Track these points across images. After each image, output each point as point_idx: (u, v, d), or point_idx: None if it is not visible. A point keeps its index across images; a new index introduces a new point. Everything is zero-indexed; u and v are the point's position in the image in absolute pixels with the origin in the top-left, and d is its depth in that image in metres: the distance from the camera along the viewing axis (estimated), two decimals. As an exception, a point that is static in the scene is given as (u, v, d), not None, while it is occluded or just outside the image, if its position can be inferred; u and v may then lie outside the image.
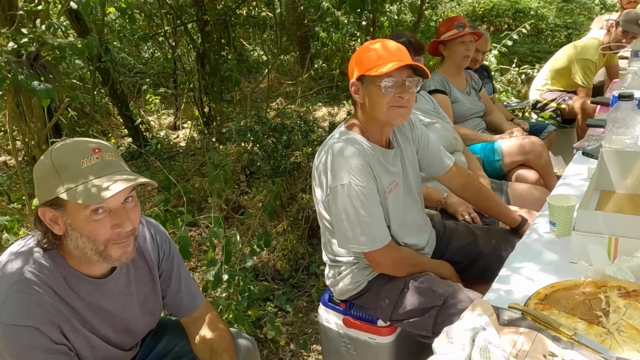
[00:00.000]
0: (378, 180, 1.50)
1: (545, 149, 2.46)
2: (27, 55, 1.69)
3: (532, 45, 6.49)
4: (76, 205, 1.02)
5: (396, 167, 1.60)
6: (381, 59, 1.41)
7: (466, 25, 2.54)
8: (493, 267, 1.41)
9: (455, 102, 2.65)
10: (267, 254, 2.85)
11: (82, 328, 1.14)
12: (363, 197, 1.43)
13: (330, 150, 1.50)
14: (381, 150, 1.55)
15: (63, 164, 1.04)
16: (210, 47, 5.07)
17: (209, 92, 5.14)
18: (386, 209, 1.54)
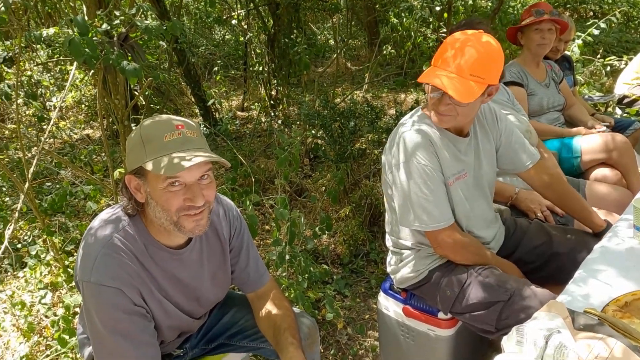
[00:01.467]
0: (443, 164, 1.49)
1: (630, 147, 2.30)
2: (118, 36, 1.80)
3: (620, 35, 6.01)
4: (155, 175, 1.10)
5: (468, 156, 1.57)
6: (440, 62, 1.41)
7: (546, 12, 2.40)
8: (567, 269, 1.35)
9: (532, 95, 2.53)
10: (328, 238, 2.89)
11: (157, 293, 1.22)
12: (425, 175, 1.45)
13: (401, 128, 1.53)
14: (452, 137, 1.53)
15: (149, 137, 1.12)
16: (281, 30, 5.14)
17: (277, 75, 5.23)
18: (450, 196, 1.52)
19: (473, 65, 1.37)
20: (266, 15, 5.30)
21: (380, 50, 6.06)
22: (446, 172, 1.50)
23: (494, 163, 1.66)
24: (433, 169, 1.46)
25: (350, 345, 2.15)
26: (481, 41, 1.40)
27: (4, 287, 2.62)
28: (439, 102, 1.43)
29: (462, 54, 1.38)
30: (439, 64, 1.41)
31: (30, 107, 4.47)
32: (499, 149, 1.66)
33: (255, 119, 5.33)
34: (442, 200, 1.48)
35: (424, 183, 1.45)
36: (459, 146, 1.55)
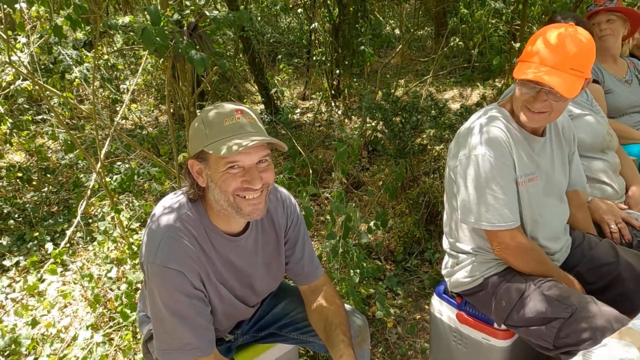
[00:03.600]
0: (517, 161, 1.42)
1: None
2: (187, 25, 1.85)
3: None
4: (216, 158, 1.13)
5: (541, 158, 1.49)
6: (537, 57, 1.31)
7: (600, 4, 2.20)
8: (632, 297, 1.24)
9: (609, 93, 2.35)
10: (382, 233, 2.85)
11: (214, 278, 1.26)
12: (497, 171, 1.38)
13: (475, 119, 1.47)
14: (528, 135, 1.46)
15: (210, 121, 1.15)
16: (346, 20, 5.09)
17: (339, 65, 5.20)
18: (519, 196, 1.44)
19: (573, 58, 1.30)
20: (332, 4, 5.27)
21: (447, 42, 5.87)
22: (519, 170, 1.43)
23: (567, 170, 1.56)
24: (505, 164, 1.39)
25: (400, 344, 2.12)
26: (577, 33, 1.32)
27: (76, 259, 2.81)
28: (535, 100, 1.35)
29: (561, 48, 1.30)
30: (534, 58, 1.33)
31: (106, 90, 4.72)
32: (570, 162, 1.58)
33: (316, 108, 5.35)
34: (511, 199, 1.41)
35: (494, 179, 1.38)
36: (534, 146, 1.48)
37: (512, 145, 1.41)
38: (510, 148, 1.41)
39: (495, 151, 1.38)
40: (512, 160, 1.41)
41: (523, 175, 1.44)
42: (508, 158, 1.40)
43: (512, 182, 1.41)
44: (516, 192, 1.43)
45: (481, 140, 1.41)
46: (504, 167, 1.39)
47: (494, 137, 1.40)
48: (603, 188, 1.87)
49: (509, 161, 1.40)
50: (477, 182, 1.40)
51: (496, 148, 1.39)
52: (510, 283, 1.47)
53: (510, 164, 1.40)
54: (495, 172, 1.38)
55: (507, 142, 1.40)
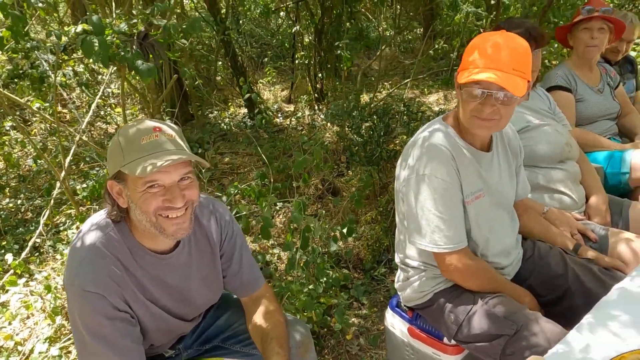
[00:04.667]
0: (464, 180, 1.39)
1: (690, 167, 2.04)
2: (137, 34, 1.82)
3: None
4: (134, 178, 1.10)
5: (489, 173, 1.45)
6: (480, 61, 1.27)
7: (597, 10, 2.17)
8: (579, 311, 1.21)
9: (581, 101, 2.32)
10: (353, 241, 2.82)
11: (142, 297, 1.23)
12: (443, 191, 1.34)
13: (420, 138, 1.43)
14: (475, 151, 1.43)
15: (127, 140, 1.12)
16: (329, 22, 5.06)
17: (323, 68, 5.17)
18: (466, 216, 1.41)
19: (514, 59, 1.27)
20: (315, 8, 5.24)
21: (432, 43, 5.84)
22: (465, 190, 1.39)
23: (514, 183, 1.53)
24: (452, 185, 1.35)
25: (361, 356, 2.08)
26: (512, 38, 1.30)
27: (44, 268, 2.77)
28: (483, 105, 1.30)
29: (502, 50, 1.27)
30: (476, 64, 1.29)
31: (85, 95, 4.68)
32: (517, 174, 1.56)
33: (299, 112, 5.32)
34: (457, 220, 1.37)
35: (440, 200, 1.34)
36: (481, 161, 1.44)
37: (458, 163, 1.37)
38: (456, 167, 1.37)
39: (440, 171, 1.34)
40: (458, 180, 1.37)
41: (470, 194, 1.40)
42: (453, 177, 1.36)
43: (458, 203, 1.38)
44: (463, 212, 1.39)
45: (425, 159, 1.36)
46: (450, 187, 1.35)
47: (438, 155, 1.35)
48: (561, 198, 1.84)
49: (454, 181, 1.36)
50: (422, 203, 1.36)
51: (441, 167, 1.34)
52: (459, 299, 1.44)
53: (455, 184, 1.36)
54: (440, 192, 1.34)
55: (452, 161, 1.36)
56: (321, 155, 2.39)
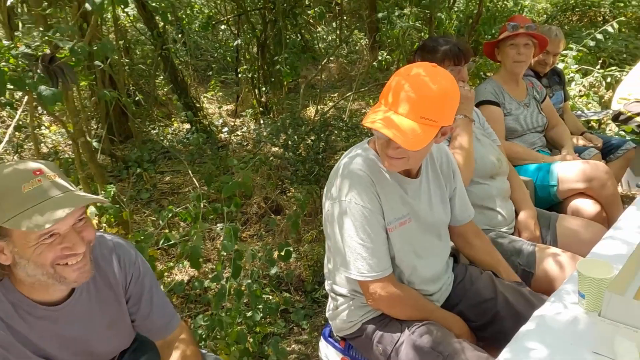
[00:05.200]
0: (386, 206, 1.34)
1: (612, 177, 2.10)
2: (42, 57, 1.68)
3: (629, 42, 5.73)
4: (22, 233, 0.98)
5: (416, 200, 1.41)
6: (387, 102, 1.23)
7: (522, 26, 2.22)
8: (510, 333, 1.19)
9: (509, 115, 2.35)
10: (295, 261, 2.75)
11: (33, 355, 1.11)
12: (363, 218, 1.30)
13: (341, 165, 1.38)
14: (400, 178, 1.39)
15: (3, 190, 0.98)
16: (272, 35, 5.00)
17: (267, 81, 5.10)
18: (390, 243, 1.37)
19: (424, 107, 1.20)
20: (256, 21, 5.17)
21: (376, 54, 5.89)
22: (388, 216, 1.35)
23: (447, 207, 1.50)
24: (373, 212, 1.31)
25: (300, 386, 2.01)
26: (435, 78, 1.22)
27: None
28: (387, 146, 1.27)
29: (413, 93, 1.20)
30: (386, 102, 1.24)
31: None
32: (451, 199, 1.53)
33: (245, 126, 5.22)
34: (380, 247, 1.33)
35: (361, 227, 1.30)
36: (407, 188, 1.40)
37: (379, 189, 1.33)
38: (377, 192, 1.33)
39: (360, 197, 1.30)
40: (379, 206, 1.33)
41: (393, 220, 1.36)
42: (374, 204, 1.32)
43: (380, 230, 1.33)
44: (386, 240, 1.35)
45: (345, 187, 1.32)
46: (370, 214, 1.31)
47: (357, 182, 1.31)
48: (491, 215, 1.84)
49: (375, 207, 1.32)
50: (344, 230, 1.32)
51: (361, 194, 1.30)
52: (387, 328, 1.40)
53: (377, 210, 1.32)
54: (361, 220, 1.30)
55: (372, 186, 1.32)
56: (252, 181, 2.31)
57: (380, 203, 1.33)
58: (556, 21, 7.04)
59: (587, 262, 1.09)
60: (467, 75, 1.92)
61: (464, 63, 1.85)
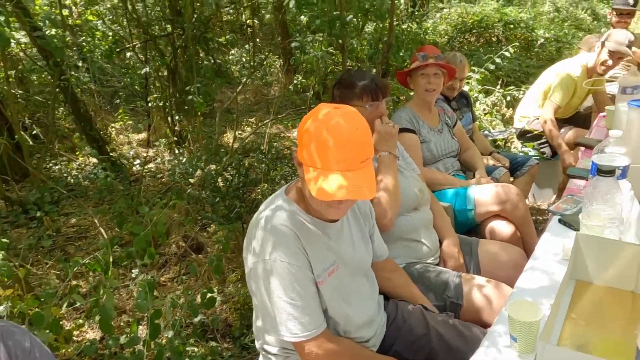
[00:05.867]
0: (313, 259, 1.27)
1: (522, 198, 2.21)
2: None
3: (521, 61, 6.25)
4: None
5: (340, 244, 1.36)
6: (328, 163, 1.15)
7: (431, 57, 2.30)
8: None
9: (425, 142, 2.41)
10: (220, 304, 2.59)
11: None
12: (291, 276, 1.22)
13: (262, 217, 1.28)
14: (321, 225, 1.32)
15: None
16: (183, 62, 4.82)
17: (180, 109, 4.89)
18: (322, 296, 1.30)
19: (362, 152, 1.17)
20: (165, 47, 4.96)
21: (291, 78, 5.90)
22: (317, 269, 1.28)
23: (369, 246, 1.47)
24: (300, 268, 1.23)
25: None
26: (353, 121, 1.18)
27: None
28: (339, 202, 1.21)
29: (346, 145, 1.15)
30: (326, 165, 1.15)
31: None
32: (371, 235, 1.50)
33: (158, 157, 4.95)
34: (311, 304, 1.25)
35: (290, 286, 1.22)
36: (330, 234, 1.34)
37: (304, 242, 1.26)
38: (303, 246, 1.25)
39: (287, 254, 1.22)
40: (307, 260, 1.26)
41: (322, 271, 1.29)
42: (301, 259, 1.24)
43: (310, 285, 1.26)
44: (316, 294, 1.28)
45: (269, 243, 1.23)
46: (298, 270, 1.23)
47: (281, 238, 1.23)
48: (417, 247, 1.84)
49: (302, 263, 1.24)
50: (271, 290, 1.23)
51: (286, 250, 1.22)
52: None
53: (304, 266, 1.25)
54: (288, 278, 1.22)
55: (297, 241, 1.24)
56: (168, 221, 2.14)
57: (307, 257, 1.26)
58: (457, 42, 7.53)
59: (515, 304, 1.09)
60: (386, 109, 1.93)
61: (381, 98, 1.85)
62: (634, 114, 1.94)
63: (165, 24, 5.08)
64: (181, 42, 4.73)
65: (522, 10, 7.92)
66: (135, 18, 4.43)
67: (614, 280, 1.24)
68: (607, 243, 1.23)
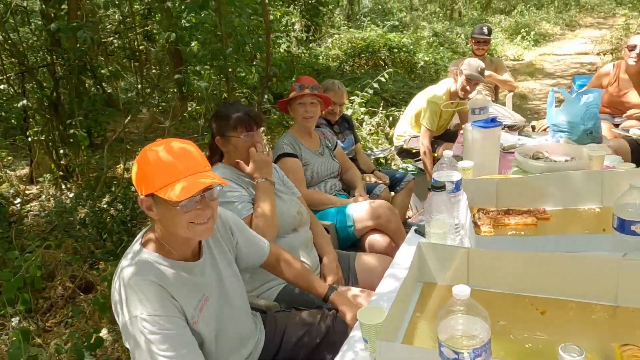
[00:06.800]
0: (184, 304, 1.28)
1: (396, 213, 2.43)
2: None
3: (404, 83, 6.79)
4: None
5: (206, 277, 1.40)
6: (170, 176, 1.21)
7: (307, 87, 2.49)
8: None
9: (307, 165, 2.57)
10: (112, 342, 2.51)
11: None
12: (162, 329, 1.21)
13: (123, 272, 1.27)
14: (184, 266, 1.33)
15: None
16: (66, 92, 4.61)
17: (65, 142, 4.65)
18: (199, 331, 1.32)
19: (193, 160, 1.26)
20: (44, 79, 4.71)
21: (185, 105, 5.87)
22: (188, 311, 1.29)
23: (235, 271, 1.53)
24: (170, 318, 1.23)
25: None
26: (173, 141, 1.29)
27: None
28: (204, 208, 1.27)
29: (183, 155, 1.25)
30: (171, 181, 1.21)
31: None
32: (238, 255, 1.57)
33: (43, 193, 4.64)
34: (187, 349, 1.25)
35: (162, 339, 1.20)
36: (195, 271, 1.36)
37: (170, 289, 1.26)
38: (170, 295, 1.25)
39: (154, 307, 1.21)
40: (176, 307, 1.26)
41: (194, 312, 1.30)
42: (170, 308, 1.24)
43: (183, 331, 1.26)
44: (192, 337, 1.28)
45: (136, 299, 1.22)
46: (169, 320, 1.22)
47: (146, 292, 1.22)
48: (298, 266, 1.96)
49: (171, 311, 1.24)
50: (146, 348, 1.20)
51: (154, 304, 1.21)
52: None
53: (175, 313, 1.25)
54: (160, 332, 1.20)
55: (162, 291, 1.24)
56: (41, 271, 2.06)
57: (177, 304, 1.26)
58: (347, 65, 7.98)
59: (366, 310, 1.24)
60: (262, 139, 2.05)
61: (255, 128, 1.97)
62: (476, 134, 2.25)
63: (45, 54, 4.84)
64: (63, 72, 4.53)
65: (405, 36, 8.59)
66: (8, 48, 4.17)
67: (453, 279, 1.44)
68: (442, 248, 1.43)
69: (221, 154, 2.01)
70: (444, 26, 11.35)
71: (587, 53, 10.50)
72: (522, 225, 1.75)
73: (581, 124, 2.59)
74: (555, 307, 1.29)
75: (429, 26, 10.78)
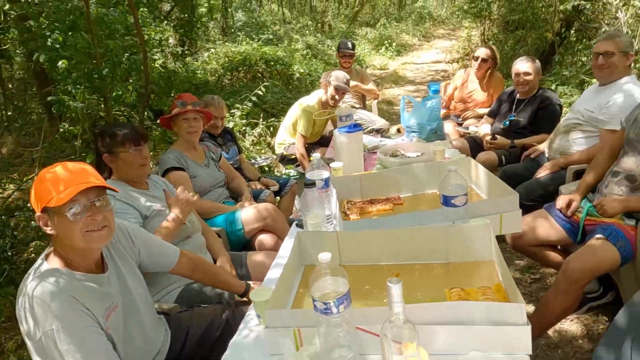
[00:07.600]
0: (96, 313, 1.36)
1: (280, 213, 2.70)
2: None
3: (281, 95, 7.14)
4: None
5: (113, 286, 1.49)
6: (60, 185, 1.32)
7: (189, 103, 2.65)
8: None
9: (194, 177, 2.72)
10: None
11: None
12: (81, 339, 1.28)
13: (30, 289, 1.30)
14: (91, 277, 1.41)
15: None
16: None
17: None
18: (112, 337, 1.41)
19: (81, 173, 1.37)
20: None
21: (57, 127, 5.54)
22: (101, 320, 1.37)
23: (140, 280, 1.65)
24: (85, 327, 1.30)
25: None
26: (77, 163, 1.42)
27: None
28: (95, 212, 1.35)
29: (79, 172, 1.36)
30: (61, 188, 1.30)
31: None
32: (142, 263, 1.69)
33: None
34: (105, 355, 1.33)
35: (81, 349, 1.26)
36: (102, 283, 1.44)
37: (82, 300, 1.32)
38: (83, 305, 1.32)
39: (69, 319, 1.26)
40: (89, 316, 1.31)
41: (103, 318, 1.38)
42: (85, 318, 1.31)
43: (98, 337, 1.33)
44: (108, 344, 1.36)
45: (48, 314, 1.25)
46: (82, 330, 1.29)
47: (58, 303, 1.27)
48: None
49: (86, 321, 1.31)
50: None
51: (66, 313, 1.27)
52: None
53: (89, 322, 1.31)
54: (75, 341, 1.26)
55: (76, 303, 1.30)
56: None
57: (90, 313, 1.33)
58: (226, 79, 8.14)
59: (256, 290, 1.48)
60: (149, 153, 2.18)
61: (143, 143, 2.10)
62: (342, 138, 2.61)
63: None
64: None
65: (279, 49, 8.98)
66: None
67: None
68: (316, 234, 1.72)
69: (110, 171, 2.10)
70: (315, 39, 12.01)
71: (440, 62, 11.89)
72: (382, 211, 2.11)
73: (427, 125, 3.10)
74: (406, 270, 1.64)
75: (302, 39, 11.34)
